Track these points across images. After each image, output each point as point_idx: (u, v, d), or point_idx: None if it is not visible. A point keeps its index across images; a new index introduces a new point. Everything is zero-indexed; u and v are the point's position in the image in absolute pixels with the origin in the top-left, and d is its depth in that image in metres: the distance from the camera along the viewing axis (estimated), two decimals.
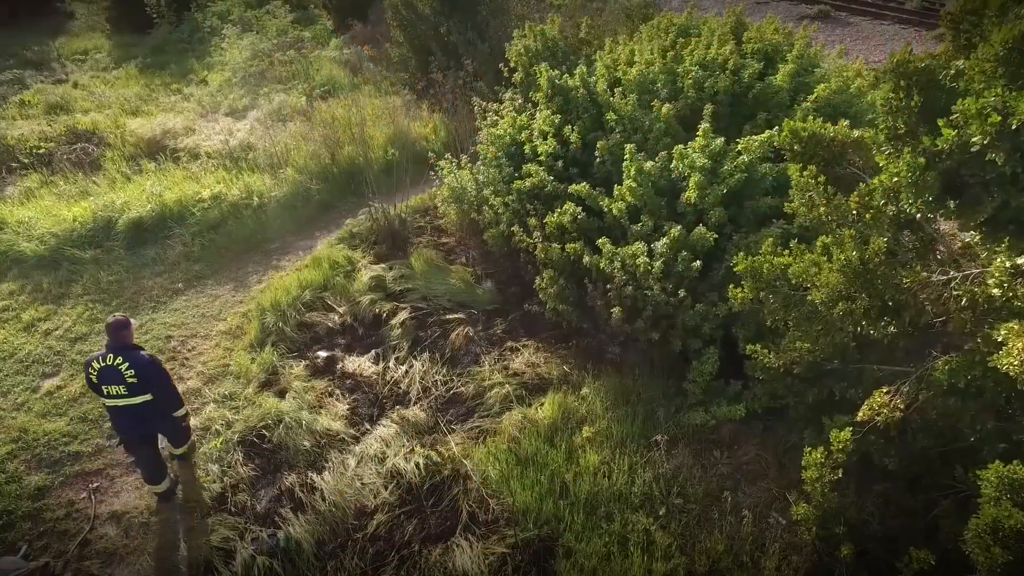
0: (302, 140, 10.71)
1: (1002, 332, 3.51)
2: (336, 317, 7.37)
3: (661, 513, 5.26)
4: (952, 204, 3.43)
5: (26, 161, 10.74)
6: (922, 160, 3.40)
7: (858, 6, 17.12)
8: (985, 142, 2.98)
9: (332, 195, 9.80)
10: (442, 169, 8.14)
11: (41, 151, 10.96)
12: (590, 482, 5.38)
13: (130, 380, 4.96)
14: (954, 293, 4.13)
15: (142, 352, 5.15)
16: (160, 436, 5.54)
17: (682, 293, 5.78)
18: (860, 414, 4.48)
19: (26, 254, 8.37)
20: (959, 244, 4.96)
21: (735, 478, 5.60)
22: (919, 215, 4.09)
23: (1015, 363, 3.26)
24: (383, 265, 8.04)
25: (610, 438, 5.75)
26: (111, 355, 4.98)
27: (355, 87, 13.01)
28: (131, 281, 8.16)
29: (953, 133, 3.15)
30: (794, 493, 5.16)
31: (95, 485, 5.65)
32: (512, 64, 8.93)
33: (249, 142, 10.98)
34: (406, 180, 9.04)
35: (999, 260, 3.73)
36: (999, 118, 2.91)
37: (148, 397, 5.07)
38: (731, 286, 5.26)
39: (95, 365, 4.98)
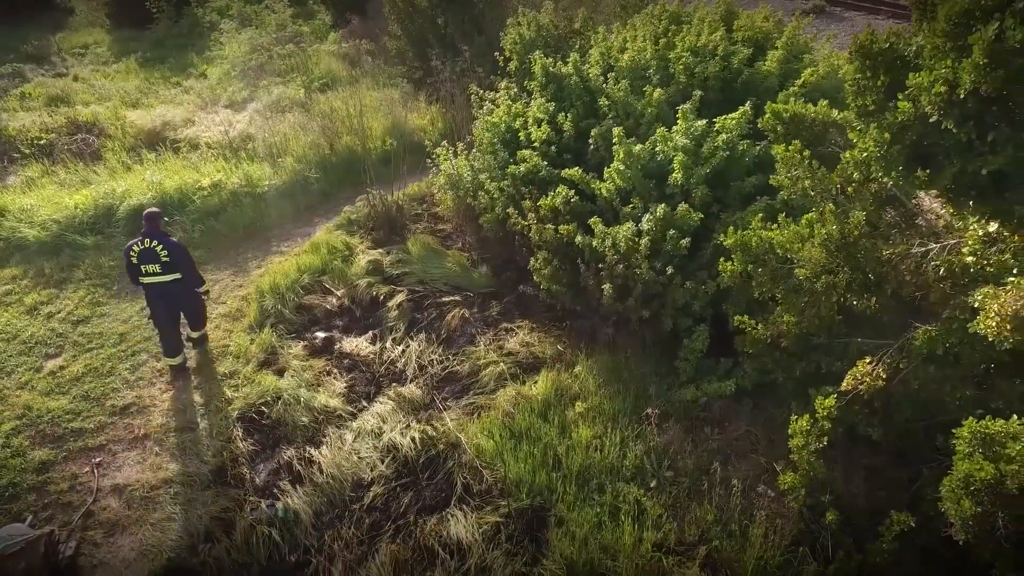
0: (301, 131, 10.84)
1: (978, 297, 3.62)
2: (334, 300, 7.50)
3: (652, 485, 5.38)
4: (922, 174, 3.55)
5: (27, 151, 10.86)
6: (887, 135, 3.53)
7: (853, 0, 17.24)
8: (935, 112, 3.11)
9: (330, 184, 9.93)
10: (439, 157, 8.26)
11: (42, 142, 11.08)
12: (582, 455, 5.50)
13: (164, 259, 6.07)
14: (932, 263, 4.27)
15: (172, 238, 6.32)
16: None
17: (670, 271, 5.90)
18: (844, 383, 4.61)
19: (28, 240, 8.49)
20: (942, 222, 5.10)
21: (725, 452, 5.71)
22: (895, 188, 4.22)
23: (992, 325, 3.38)
24: (380, 250, 8.17)
25: (602, 414, 5.87)
26: (148, 239, 6.06)
27: (353, 80, 13.12)
28: None
29: (909, 106, 3.29)
30: (782, 464, 5.28)
31: (98, 460, 5.76)
32: (507, 53, 9.05)
33: (248, 133, 11.10)
34: (404, 169, 9.17)
35: (972, 228, 3.86)
36: (945, 88, 3.05)
37: (177, 276, 6.18)
38: (721, 259, 5.40)
39: (135, 248, 6.07)
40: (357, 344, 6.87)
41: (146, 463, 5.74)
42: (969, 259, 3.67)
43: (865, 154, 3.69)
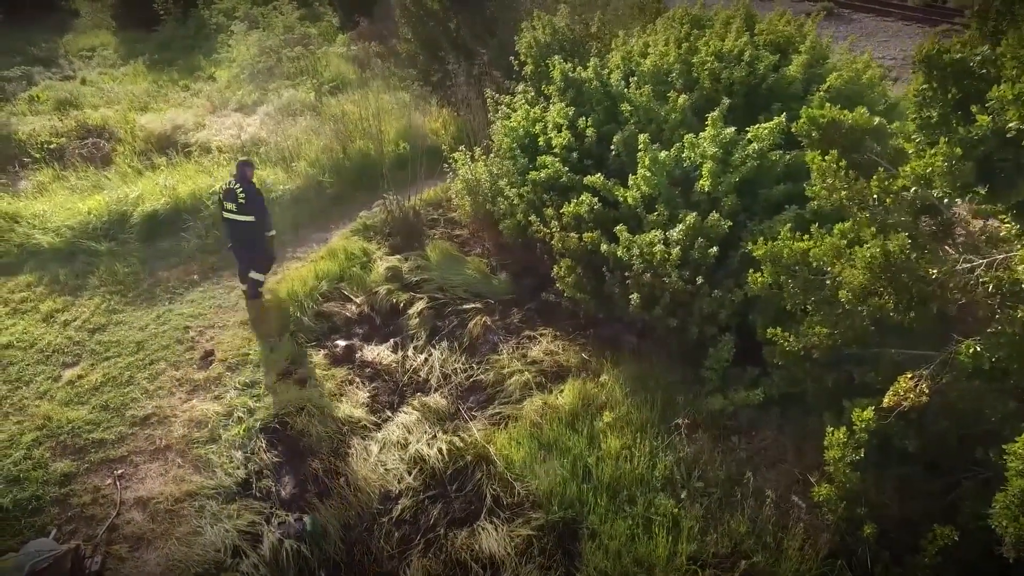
0: (313, 135, 10.77)
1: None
2: (353, 307, 7.43)
3: (683, 496, 5.32)
4: (983, 190, 3.48)
5: (38, 156, 10.78)
6: (959, 150, 3.45)
7: (861, 3, 17.21)
8: (1022, 125, 3.04)
9: (344, 188, 9.86)
10: (456, 161, 8.20)
11: (52, 146, 11.00)
12: (612, 466, 5.44)
13: (240, 200, 7.13)
14: (981, 280, 4.20)
15: (255, 186, 7.37)
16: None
17: (699, 280, 5.84)
18: (886, 400, 4.52)
19: (42, 246, 8.41)
20: (977, 229, 5.03)
21: (754, 462, 5.66)
22: (945, 200, 4.15)
23: None
24: (399, 256, 8.10)
25: (630, 423, 5.81)
26: (234, 182, 7.21)
27: (363, 83, 13.04)
28: (147, 273, 8.21)
29: (988, 119, 3.21)
30: (815, 475, 5.22)
31: (120, 472, 5.69)
32: (522, 57, 8.99)
33: (260, 137, 11.04)
34: (419, 173, 9.10)
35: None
36: None
37: (249, 219, 7.19)
38: (750, 271, 5.33)
39: (224, 187, 7.34)
40: (379, 352, 6.81)
41: (169, 475, 5.67)
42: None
43: (930, 169, 3.61)
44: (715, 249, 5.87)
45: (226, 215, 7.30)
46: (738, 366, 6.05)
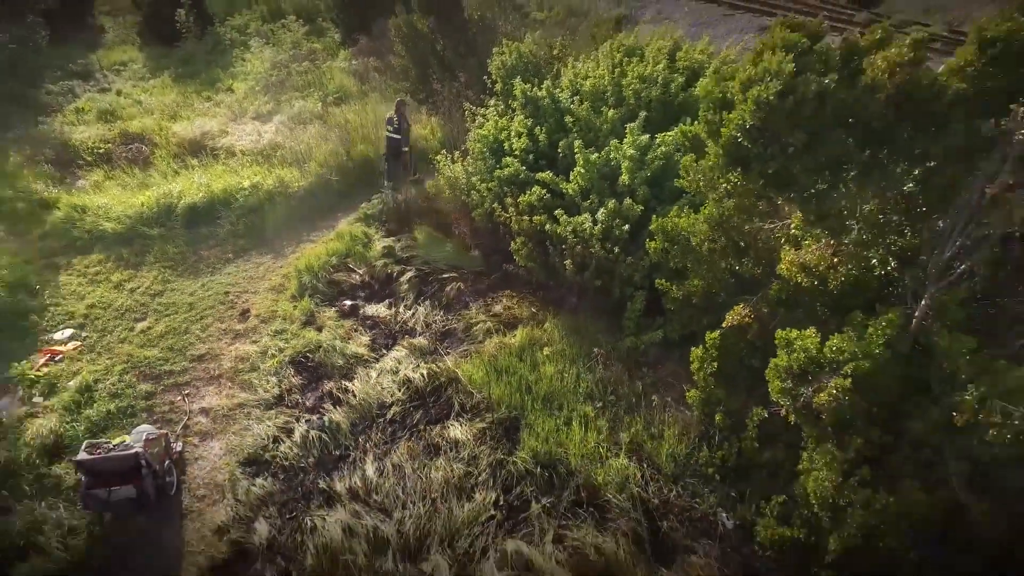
0: (321, 140, 12.74)
1: (782, 253, 5.63)
2: (357, 276, 9.46)
3: (599, 405, 7.34)
4: (736, 175, 5.55)
5: (89, 159, 12.77)
6: (720, 150, 5.52)
7: (828, 17, 19.09)
8: (738, 133, 5.10)
9: (348, 185, 11.81)
10: (439, 162, 10.20)
11: (101, 151, 12.98)
12: (548, 384, 7.46)
13: (395, 124, 10.93)
14: (776, 235, 6.26)
15: (405, 118, 11.23)
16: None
17: (617, 250, 7.86)
18: (726, 321, 6.57)
19: (107, 231, 10.42)
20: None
21: (656, 386, 7.67)
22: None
23: (785, 268, 5.38)
24: (393, 238, 10.15)
25: (564, 355, 7.83)
26: (394, 114, 11.00)
27: (363, 94, 15.03)
28: (191, 252, 10.23)
29: (727, 131, 5.26)
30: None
31: (187, 391, 7.72)
32: (493, 77, 11.00)
33: (276, 142, 13.00)
34: (410, 172, 11.11)
35: (796, 213, 5.85)
36: (741, 120, 5.03)
37: (397, 136, 10.99)
38: (648, 240, 7.36)
39: (390, 115, 11.18)
40: (377, 309, 8.84)
41: (223, 394, 7.70)
42: (795, 231, 5.67)
43: (711, 163, 5.68)
44: (627, 227, 7.88)
45: (387, 134, 11.14)
46: (648, 316, 8.07)
